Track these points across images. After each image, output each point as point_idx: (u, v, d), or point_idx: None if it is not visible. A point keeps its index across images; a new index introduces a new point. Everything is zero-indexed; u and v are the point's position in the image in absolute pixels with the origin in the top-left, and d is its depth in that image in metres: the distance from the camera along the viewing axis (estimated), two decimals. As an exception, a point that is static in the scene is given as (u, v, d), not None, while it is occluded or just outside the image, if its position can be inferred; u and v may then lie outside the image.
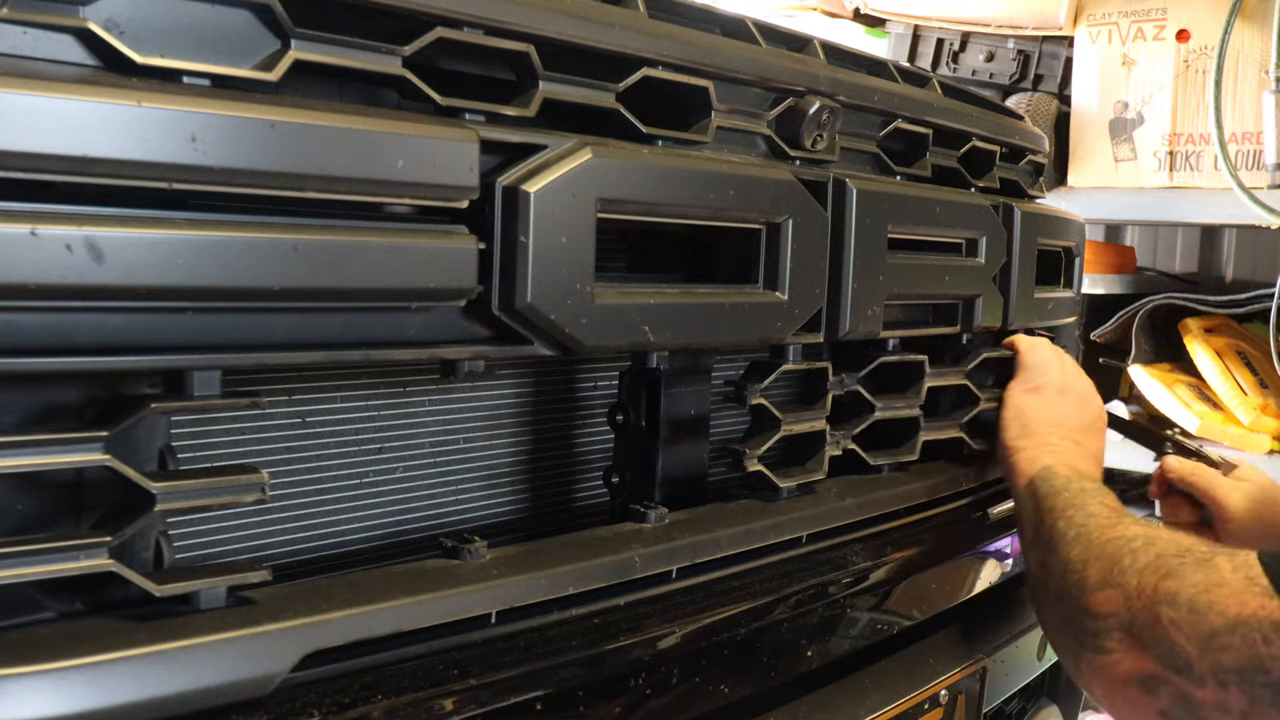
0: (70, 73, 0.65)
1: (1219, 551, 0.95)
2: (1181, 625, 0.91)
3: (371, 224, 0.76)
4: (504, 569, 0.86)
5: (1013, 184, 1.56)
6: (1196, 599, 0.91)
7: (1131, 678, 0.95)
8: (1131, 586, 0.95)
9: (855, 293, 1.16)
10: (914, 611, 1.24)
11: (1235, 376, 2.74)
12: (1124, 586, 0.96)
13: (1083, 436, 1.29)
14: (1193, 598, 0.91)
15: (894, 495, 1.29)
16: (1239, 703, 0.88)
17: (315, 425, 0.97)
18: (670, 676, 0.92)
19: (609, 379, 1.22)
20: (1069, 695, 1.68)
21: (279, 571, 0.76)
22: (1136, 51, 2.81)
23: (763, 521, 1.09)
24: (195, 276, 0.66)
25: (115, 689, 0.64)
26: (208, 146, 0.65)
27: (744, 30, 1.11)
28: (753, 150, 1.12)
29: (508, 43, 0.85)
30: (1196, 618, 0.90)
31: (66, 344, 0.64)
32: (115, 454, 0.67)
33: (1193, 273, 3.43)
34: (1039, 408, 1.32)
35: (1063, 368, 1.39)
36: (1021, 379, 1.37)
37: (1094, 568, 1.00)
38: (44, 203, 0.61)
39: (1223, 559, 0.93)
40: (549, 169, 0.85)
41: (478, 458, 1.11)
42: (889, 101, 1.27)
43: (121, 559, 0.67)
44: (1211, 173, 2.72)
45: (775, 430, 1.13)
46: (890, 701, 1.13)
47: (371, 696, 0.74)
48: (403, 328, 0.80)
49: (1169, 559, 0.95)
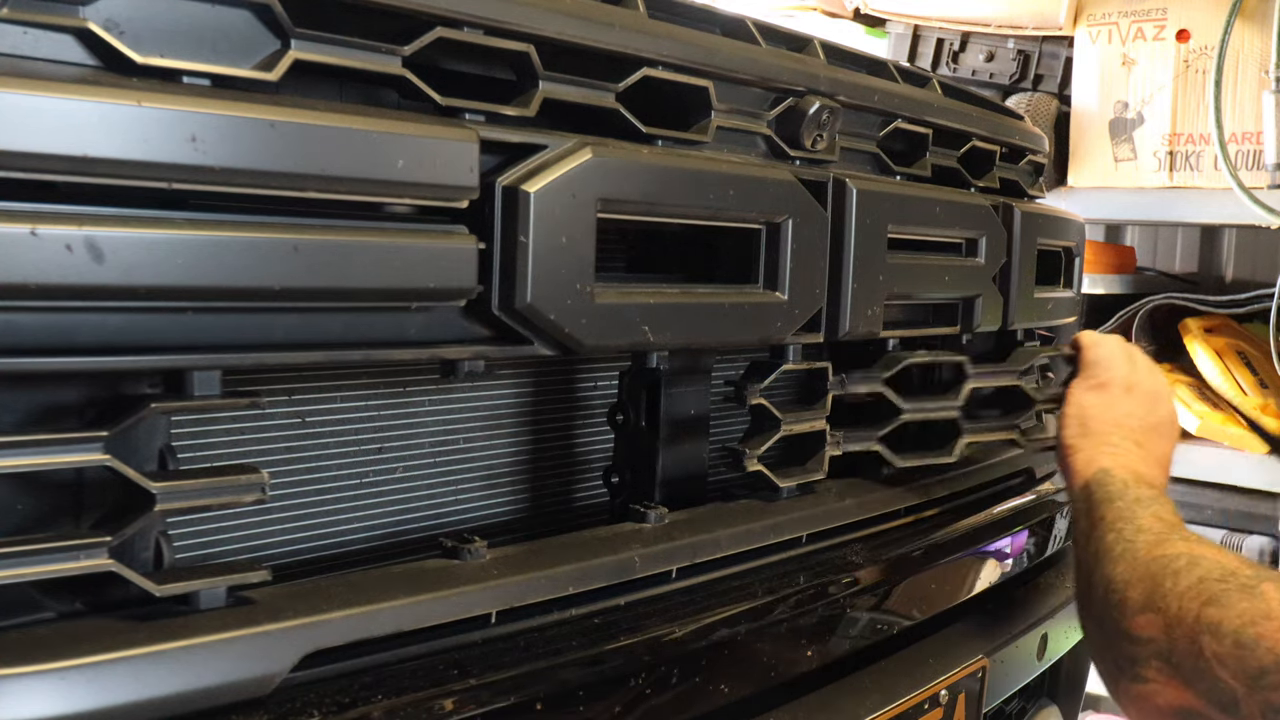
0: (70, 73, 0.65)
1: (1265, 576, 0.90)
2: (1226, 661, 0.86)
3: (371, 224, 0.76)
4: (504, 569, 0.86)
5: (1013, 184, 1.56)
6: (1242, 632, 0.86)
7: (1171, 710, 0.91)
8: (1173, 612, 0.91)
9: (855, 293, 1.16)
10: (914, 611, 1.24)
11: (1235, 376, 2.74)
12: (1165, 611, 0.91)
13: (1146, 438, 1.23)
14: (1238, 630, 0.86)
15: (894, 495, 1.29)
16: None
17: (315, 425, 0.97)
18: (670, 676, 0.92)
19: (609, 379, 1.22)
20: (1069, 695, 1.68)
21: (279, 571, 0.76)
22: (1136, 51, 2.81)
23: (763, 521, 1.09)
24: (195, 276, 0.66)
25: (115, 689, 0.64)
26: (208, 146, 0.65)
27: (744, 30, 1.11)
28: (753, 150, 1.11)
29: (508, 43, 0.85)
30: (1243, 653, 0.85)
31: (66, 344, 0.64)
32: (115, 454, 0.67)
33: (1193, 273, 3.43)
34: (1101, 406, 1.26)
35: (1132, 365, 1.32)
36: (1085, 376, 1.31)
37: (1136, 589, 0.96)
38: (44, 203, 0.61)
39: (1269, 585, 0.88)
40: (549, 169, 0.85)
41: (478, 458, 1.11)
42: (889, 101, 1.27)
43: (121, 559, 0.67)
44: (1211, 173, 2.72)
45: (775, 430, 1.13)
46: (890, 701, 1.13)
47: (371, 696, 0.74)
48: (403, 328, 0.80)
49: (1212, 584, 0.91)
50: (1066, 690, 1.66)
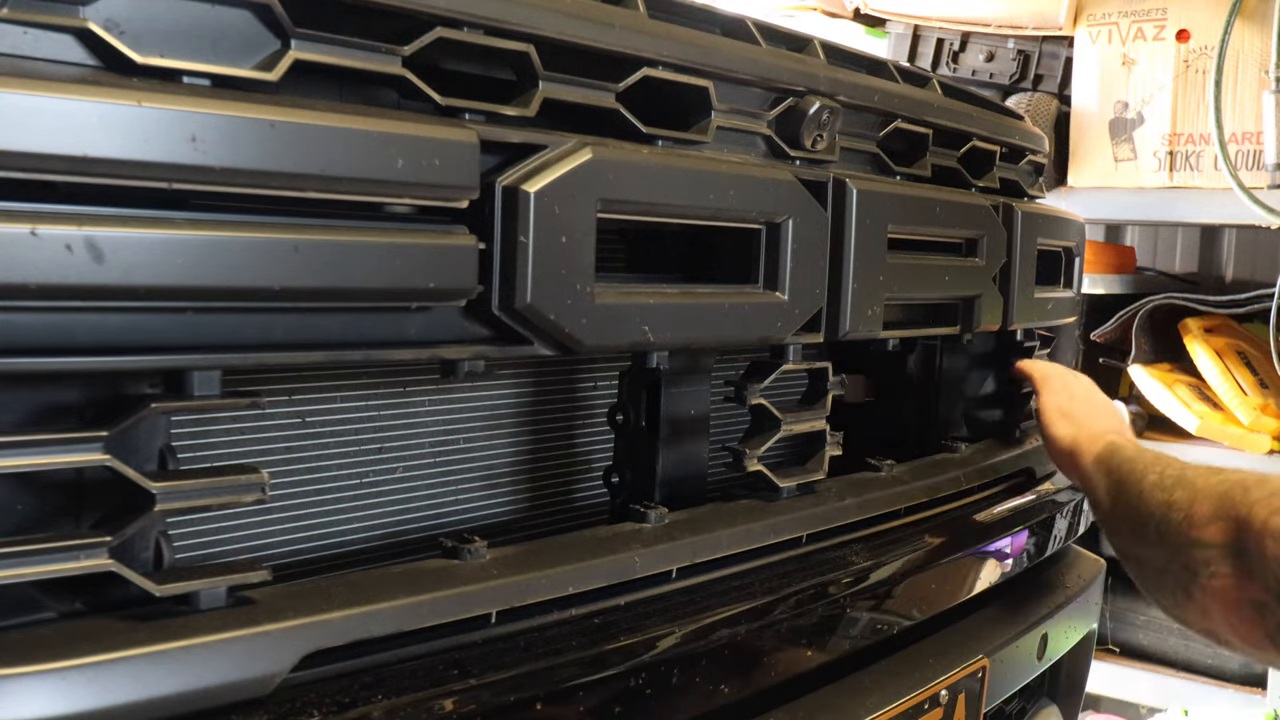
0: (70, 73, 0.65)
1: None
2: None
3: (371, 224, 0.76)
4: (504, 569, 0.86)
5: (1013, 184, 1.56)
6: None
7: (1245, 602, 1.00)
8: (1243, 516, 1.00)
9: (855, 293, 1.16)
10: (914, 611, 1.24)
11: (1235, 376, 2.74)
12: (1237, 518, 1.00)
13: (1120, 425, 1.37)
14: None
15: (894, 495, 1.29)
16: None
17: (315, 425, 0.97)
18: (670, 676, 0.92)
19: (609, 379, 1.22)
20: (1069, 695, 1.68)
21: (279, 571, 0.76)
22: (1136, 51, 2.81)
23: (763, 521, 1.09)
24: (195, 276, 0.66)
25: (115, 689, 0.64)
26: (208, 146, 0.65)
27: (744, 30, 1.11)
28: (753, 150, 1.11)
29: (508, 43, 0.85)
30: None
31: (66, 344, 0.64)
32: (115, 454, 0.67)
33: (1193, 273, 3.43)
34: (1076, 405, 1.38)
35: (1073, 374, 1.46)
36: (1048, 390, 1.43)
37: (1202, 505, 1.05)
38: (44, 203, 0.61)
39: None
40: (549, 169, 0.85)
41: (478, 458, 1.11)
42: (889, 101, 1.27)
43: (121, 559, 0.67)
44: (1211, 173, 2.72)
45: (775, 430, 1.13)
46: (890, 701, 1.13)
47: (371, 696, 0.74)
48: (403, 328, 0.80)
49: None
50: (1066, 690, 1.66)
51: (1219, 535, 1.02)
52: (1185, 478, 1.11)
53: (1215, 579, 1.03)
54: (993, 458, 1.50)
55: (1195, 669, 2.94)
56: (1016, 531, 1.45)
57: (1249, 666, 2.86)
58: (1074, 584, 1.58)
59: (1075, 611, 1.55)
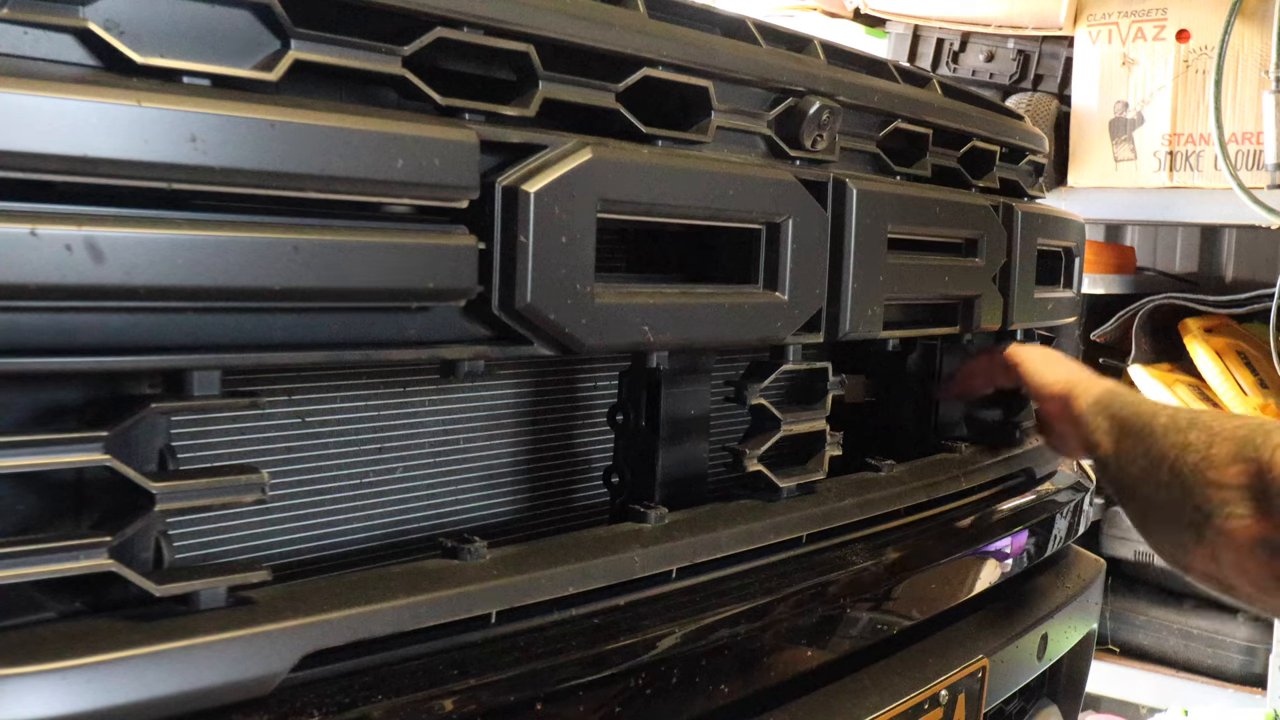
0: (70, 73, 0.65)
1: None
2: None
3: (371, 224, 0.76)
4: (504, 569, 0.86)
5: (1013, 184, 1.56)
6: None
7: (1257, 541, 1.02)
8: (1265, 459, 1.01)
9: (855, 293, 1.16)
10: (914, 611, 1.24)
11: (1235, 376, 2.74)
12: (1259, 460, 1.02)
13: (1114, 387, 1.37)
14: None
15: (894, 495, 1.29)
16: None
17: (315, 425, 0.97)
18: (670, 676, 0.92)
19: (609, 379, 1.22)
20: (1069, 695, 1.68)
21: (279, 571, 0.76)
22: (1136, 51, 2.81)
23: (763, 521, 1.09)
24: (195, 276, 0.66)
25: (115, 689, 0.64)
26: (208, 146, 0.65)
27: (744, 30, 1.11)
28: (753, 150, 1.11)
29: (508, 43, 0.85)
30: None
31: (67, 344, 0.64)
32: (115, 454, 0.67)
33: (1193, 273, 3.43)
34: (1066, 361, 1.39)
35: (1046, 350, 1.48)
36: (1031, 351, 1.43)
37: (1221, 446, 1.06)
38: (44, 203, 0.61)
39: None
40: (549, 169, 0.85)
41: (478, 458, 1.11)
42: (889, 101, 1.27)
43: (121, 559, 0.67)
44: (1211, 173, 2.72)
45: (775, 430, 1.13)
46: (890, 701, 1.13)
47: (371, 696, 0.74)
48: (403, 328, 0.80)
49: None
50: (1066, 690, 1.66)
51: (1239, 476, 1.03)
52: (1200, 420, 1.11)
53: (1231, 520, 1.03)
54: (993, 458, 1.50)
55: (1195, 669, 2.94)
56: (1016, 532, 1.45)
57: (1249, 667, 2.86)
58: (1074, 584, 1.59)
59: (1075, 611, 1.55)
